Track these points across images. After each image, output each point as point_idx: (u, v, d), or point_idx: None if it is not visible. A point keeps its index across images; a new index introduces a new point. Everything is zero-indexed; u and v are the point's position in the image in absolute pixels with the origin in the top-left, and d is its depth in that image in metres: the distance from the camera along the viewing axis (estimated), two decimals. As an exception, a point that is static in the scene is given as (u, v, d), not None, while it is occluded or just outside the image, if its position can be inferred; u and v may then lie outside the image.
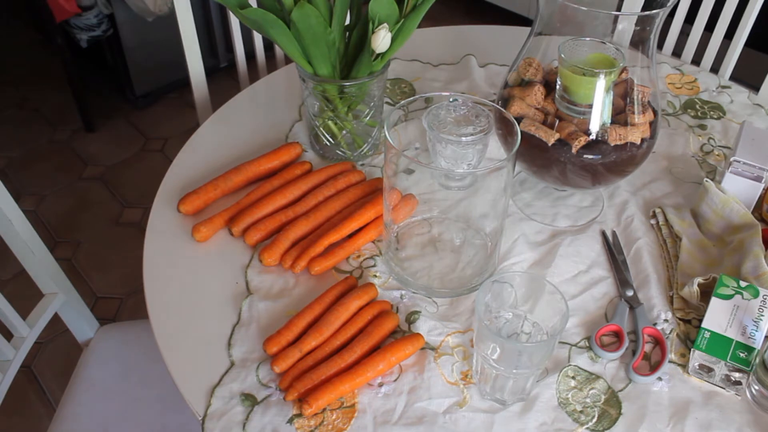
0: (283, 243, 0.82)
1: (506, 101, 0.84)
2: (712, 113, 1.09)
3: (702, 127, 1.06)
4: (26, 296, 1.11)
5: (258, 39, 1.25)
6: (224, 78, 2.32)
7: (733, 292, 0.74)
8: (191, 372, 0.71)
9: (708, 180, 0.87)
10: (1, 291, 0.95)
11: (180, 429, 0.97)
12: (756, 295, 0.74)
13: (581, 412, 0.69)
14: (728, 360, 0.69)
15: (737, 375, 0.70)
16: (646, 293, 0.81)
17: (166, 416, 0.98)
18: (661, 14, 0.75)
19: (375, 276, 0.81)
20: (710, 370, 0.71)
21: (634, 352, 0.74)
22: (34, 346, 1.61)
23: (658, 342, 0.76)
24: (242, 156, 0.96)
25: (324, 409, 0.68)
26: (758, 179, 0.86)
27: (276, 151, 0.93)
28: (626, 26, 0.77)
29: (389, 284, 0.81)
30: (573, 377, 0.72)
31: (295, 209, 0.86)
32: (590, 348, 0.75)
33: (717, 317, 0.73)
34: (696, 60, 1.32)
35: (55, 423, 0.99)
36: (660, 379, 0.72)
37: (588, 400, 0.70)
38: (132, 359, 1.06)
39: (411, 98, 0.82)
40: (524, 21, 2.66)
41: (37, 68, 2.55)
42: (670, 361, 0.74)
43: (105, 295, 1.78)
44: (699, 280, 0.77)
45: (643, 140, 0.81)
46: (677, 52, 1.36)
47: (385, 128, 0.70)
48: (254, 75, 1.23)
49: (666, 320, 0.78)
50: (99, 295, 1.78)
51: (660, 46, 1.35)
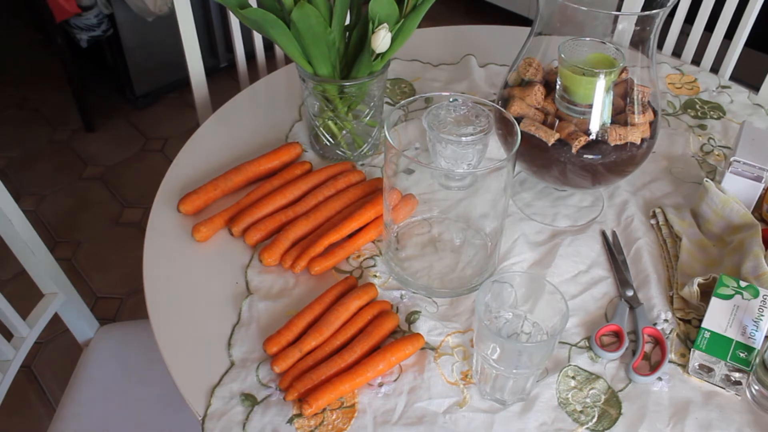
0: (283, 243, 0.82)
1: (506, 101, 0.84)
2: (712, 113, 1.09)
3: (702, 127, 1.06)
4: (26, 296, 1.11)
5: (258, 39, 1.25)
6: (224, 78, 2.32)
7: (733, 292, 0.74)
8: (191, 372, 0.71)
9: (708, 180, 0.87)
10: (1, 291, 0.95)
11: (180, 429, 0.97)
12: (756, 295, 0.74)
13: (581, 412, 0.69)
14: (728, 360, 0.69)
15: (737, 375, 0.70)
16: (646, 293, 0.81)
17: (166, 416, 0.98)
18: (661, 14, 0.75)
19: (375, 276, 0.81)
20: (710, 370, 0.71)
21: (634, 352, 0.74)
22: (34, 346, 1.61)
23: (658, 342, 0.76)
24: (242, 156, 0.96)
25: (324, 409, 0.68)
26: (758, 179, 0.86)
27: (276, 151, 0.93)
28: (626, 26, 0.77)
29: (389, 284, 0.81)
30: (573, 377, 0.72)
31: (295, 209, 0.86)
32: (590, 348, 0.75)
33: (717, 317, 0.73)
34: (696, 60, 1.32)
35: (55, 423, 0.99)
36: (660, 379, 0.72)
37: (588, 400, 0.70)
38: (132, 359, 1.06)
39: (411, 98, 0.82)
40: (524, 21, 2.66)
41: (37, 68, 2.55)
42: (670, 361, 0.74)
43: (105, 295, 1.78)
44: (699, 280, 0.77)
45: (643, 140, 0.81)
46: (677, 52, 1.36)
47: (385, 128, 0.70)
48: (254, 75, 1.23)
49: (666, 320, 0.78)
50: (99, 295, 1.78)
51: (660, 46, 1.35)
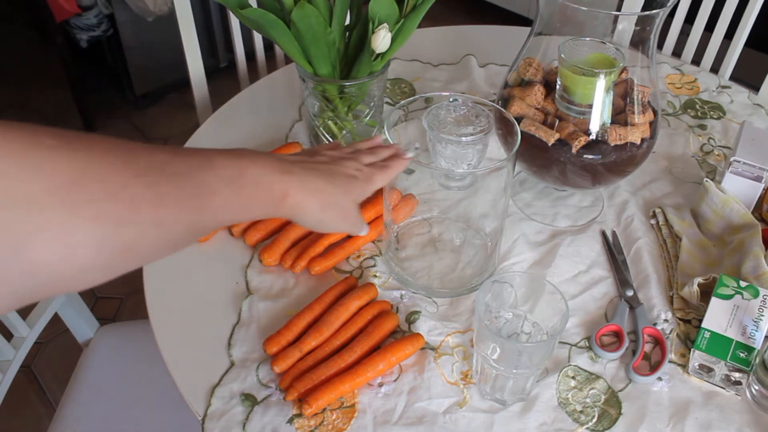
0: (283, 243, 0.82)
1: (506, 101, 0.84)
2: (712, 113, 1.09)
3: (702, 127, 1.06)
4: (26, 296, 1.11)
5: (258, 39, 1.25)
6: (224, 78, 2.32)
7: (733, 292, 0.74)
8: (191, 372, 0.71)
9: (708, 180, 0.87)
10: (1, 291, 0.95)
11: (180, 429, 0.97)
12: (756, 295, 0.74)
13: (581, 412, 0.69)
14: (728, 360, 0.69)
15: (737, 375, 0.70)
16: (646, 293, 0.81)
17: (166, 416, 0.98)
18: (661, 14, 0.75)
19: (375, 276, 0.81)
20: (710, 370, 0.71)
21: (634, 352, 0.74)
22: (34, 346, 1.61)
23: (658, 342, 0.76)
24: (242, 156, 0.96)
25: (324, 409, 0.68)
26: (758, 179, 0.86)
27: (276, 151, 0.93)
28: (626, 26, 0.77)
29: (389, 284, 0.81)
30: (573, 377, 0.72)
31: (295, 209, 0.86)
32: (590, 348, 0.75)
33: (717, 317, 0.73)
34: (696, 60, 1.32)
35: (55, 423, 0.99)
36: (660, 379, 0.72)
37: (588, 400, 0.70)
38: (132, 359, 1.06)
39: (411, 98, 0.82)
40: (524, 21, 2.66)
41: (37, 68, 2.55)
42: (670, 361, 0.74)
43: (105, 295, 1.78)
44: (699, 280, 0.77)
45: (643, 140, 0.81)
46: (677, 52, 1.36)
47: (385, 128, 0.70)
48: (254, 75, 1.23)
49: (666, 320, 0.78)
50: (99, 295, 1.78)
51: (660, 46, 1.35)
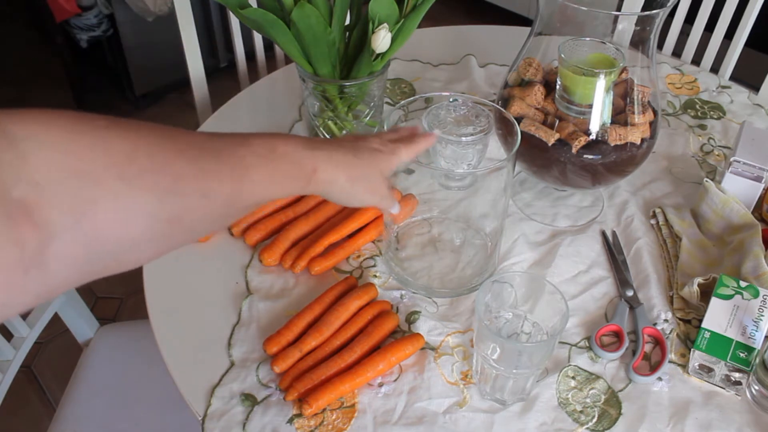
0: (283, 243, 0.82)
1: (506, 101, 0.84)
2: (712, 113, 1.09)
3: (702, 127, 1.06)
4: (26, 296, 1.11)
5: (258, 39, 1.25)
6: (224, 78, 2.32)
7: (733, 292, 0.74)
8: (191, 372, 0.71)
9: (708, 180, 0.87)
10: (1, 291, 0.95)
11: (180, 429, 0.97)
12: (756, 295, 0.74)
13: (581, 412, 0.69)
14: (728, 360, 0.69)
15: (737, 375, 0.70)
16: (646, 293, 0.81)
17: (166, 416, 0.98)
18: (661, 14, 0.75)
19: (375, 276, 0.81)
20: (710, 370, 0.71)
21: (634, 352, 0.74)
22: (34, 346, 1.60)
23: (658, 342, 0.76)
24: (242, 156, 0.96)
25: (324, 409, 0.68)
26: (758, 179, 0.86)
27: (276, 151, 0.93)
28: (626, 26, 0.77)
29: (389, 284, 0.80)
30: (573, 377, 0.72)
31: (295, 209, 0.86)
32: (590, 348, 0.75)
33: (717, 317, 0.73)
34: (696, 60, 1.32)
35: (55, 423, 0.99)
36: (660, 379, 0.72)
37: (588, 400, 0.70)
38: (132, 359, 1.06)
39: (411, 98, 0.82)
40: (524, 21, 2.66)
41: (37, 68, 2.55)
42: (670, 361, 0.74)
43: (105, 295, 1.78)
44: (699, 280, 0.77)
45: (643, 140, 0.81)
46: (677, 52, 1.36)
47: (385, 128, 0.70)
48: (254, 75, 1.23)
49: (666, 320, 0.78)
50: (99, 295, 1.78)
51: (660, 46, 1.35)
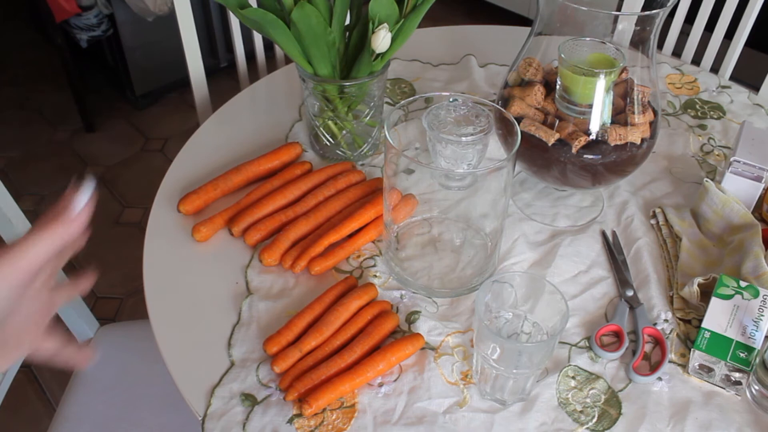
0: (283, 243, 0.82)
1: (506, 101, 0.84)
2: (712, 113, 1.09)
3: (702, 127, 1.06)
4: (26, 296, 1.11)
5: (258, 39, 1.25)
6: (224, 78, 2.32)
7: (733, 292, 0.74)
8: (191, 372, 0.71)
9: (708, 180, 0.87)
10: (1, 291, 0.95)
11: (180, 429, 0.97)
12: (756, 295, 0.74)
13: (581, 412, 0.69)
14: (728, 360, 0.69)
15: (737, 375, 0.70)
16: (646, 293, 0.81)
17: (166, 416, 0.98)
18: (661, 14, 0.75)
19: (375, 276, 0.81)
20: (710, 370, 0.71)
21: (634, 352, 0.74)
22: (34, 346, 1.61)
23: (658, 342, 0.76)
24: (242, 156, 0.96)
25: (324, 409, 0.68)
26: (758, 179, 0.86)
27: (276, 151, 0.93)
28: (626, 26, 0.77)
29: (389, 284, 0.81)
30: (573, 377, 0.72)
31: (295, 209, 0.86)
32: (590, 348, 0.75)
33: (717, 317, 0.73)
34: (696, 60, 1.32)
35: (55, 423, 0.99)
36: (660, 379, 0.72)
37: (588, 400, 0.70)
38: (132, 359, 1.06)
39: (411, 98, 0.82)
40: (524, 21, 2.66)
41: (37, 68, 2.55)
42: (670, 361, 0.74)
43: (105, 295, 1.78)
44: (699, 280, 0.77)
45: (643, 140, 0.81)
46: (677, 52, 1.36)
47: (385, 128, 0.70)
48: (254, 75, 1.23)
49: (666, 320, 0.78)
50: (99, 295, 1.78)
51: (660, 46, 1.35)
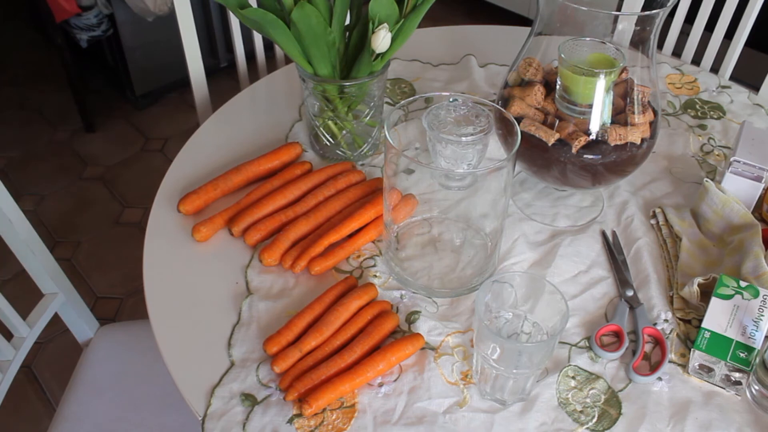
0: (283, 243, 0.82)
1: (506, 101, 0.84)
2: (712, 113, 1.09)
3: (702, 127, 1.06)
4: (26, 296, 1.11)
5: (258, 39, 1.25)
6: (224, 78, 2.32)
7: (733, 292, 0.74)
8: (191, 372, 0.71)
9: (708, 180, 0.87)
10: (1, 291, 0.95)
11: (180, 429, 0.97)
12: (756, 295, 0.74)
13: (581, 412, 0.69)
14: (728, 360, 0.69)
15: (737, 375, 0.70)
16: (646, 293, 0.81)
17: (166, 416, 0.98)
18: (661, 14, 0.75)
19: (375, 276, 0.81)
20: (710, 370, 0.71)
21: (634, 352, 0.74)
22: (34, 346, 1.61)
23: (658, 342, 0.76)
24: (242, 156, 0.96)
25: (324, 409, 0.68)
26: (758, 179, 0.86)
27: (276, 151, 0.93)
28: (626, 26, 0.77)
29: (389, 284, 0.81)
30: (573, 377, 0.72)
31: (295, 209, 0.86)
32: (590, 348, 0.75)
33: (717, 317, 0.73)
34: (696, 60, 1.32)
35: (55, 423, 0.99)
36: (660, 379, 0.72)
37: (588, 400, 0.70)
38: (132, 359, 1.06)
39: (411, 98, 0.82)
40: (524, 21, 2.66)
41: (37, 68, 2.55)
42: (670, 361, 0.74)
43: (105, 295, 1.78)
44: (699, 280, 0.77)
45: (643, 140, 0.81)
46: (677, 52, 1.36)
47: (385, 128, 0.70)
48: (254, 75, 1.23)
49: (666, 320, 0.78)
50: (99, 295, 1.78)
51: (660, 46, 1.35)
